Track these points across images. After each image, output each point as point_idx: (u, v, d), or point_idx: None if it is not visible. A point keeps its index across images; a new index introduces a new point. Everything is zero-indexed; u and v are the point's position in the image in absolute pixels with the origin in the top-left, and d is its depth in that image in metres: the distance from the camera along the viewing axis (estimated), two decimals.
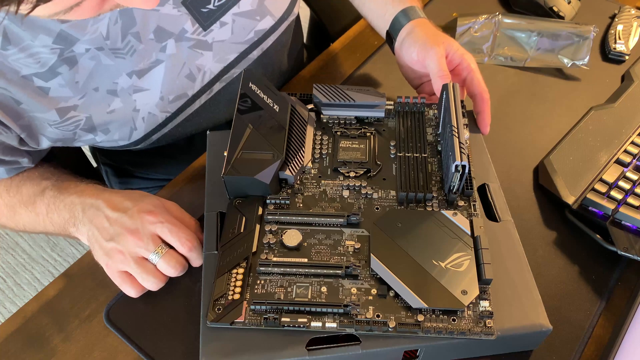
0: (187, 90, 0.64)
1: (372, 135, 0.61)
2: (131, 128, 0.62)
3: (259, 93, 0.59)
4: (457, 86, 0.57)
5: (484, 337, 0.47)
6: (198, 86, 0.64)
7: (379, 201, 0.55)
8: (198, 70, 0.63)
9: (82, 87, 0.57)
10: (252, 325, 0.47)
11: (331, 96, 0.62)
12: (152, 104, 0.61)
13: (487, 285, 0.49)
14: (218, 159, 0.57)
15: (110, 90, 0.58)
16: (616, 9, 0.86)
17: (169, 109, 0.63)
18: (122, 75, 0.58)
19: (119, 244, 0.52)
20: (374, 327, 0.47)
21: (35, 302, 0.57)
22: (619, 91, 0.74)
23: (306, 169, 0.58)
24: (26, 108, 0.55)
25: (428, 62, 0.62)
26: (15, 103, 0.55)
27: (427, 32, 0.64)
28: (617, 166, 0.64)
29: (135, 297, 0.54)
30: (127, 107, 0.60)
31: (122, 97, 0.59)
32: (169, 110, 0.64)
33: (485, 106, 0.62)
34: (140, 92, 0.60)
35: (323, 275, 0.50)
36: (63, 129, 0.58)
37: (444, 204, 0.55)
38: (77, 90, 0.56)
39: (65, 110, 0.57)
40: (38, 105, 0.55)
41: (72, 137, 0.60)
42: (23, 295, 1.41)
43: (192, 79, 0.63)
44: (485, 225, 0.54)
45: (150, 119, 0.63)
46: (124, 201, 0.54)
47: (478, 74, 0.62)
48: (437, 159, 0.59)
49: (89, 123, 0.59)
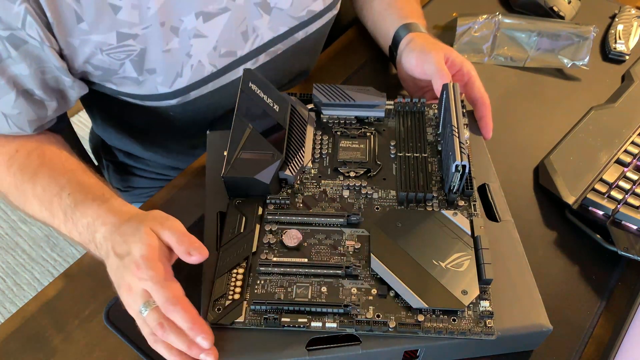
0: (237, 49, 0.65)
1: (372, 135, 0.61)
2: (177, 73, 0.63)
3: (258, 93, 0.59)
4: (457, 86, 0.58)
5: (484, 337, 0.47)
6: (247, 48, 0.66)
7: (379, 201, 0.55)
8: (253, 31, 0.65)
9: (151, 16, 0.57)
10: (252, 326, 0.47)
11: (331, 96, 0.62)
12: (205, 52, 0.62)
13: (488, 285, 0.49)
14: (218, 159, 0.57)
15: (174, 28, 0.59)
16: (616, 9, 0.86)
17: (217, 63, 0.64)
18: (190, 14, 0.59)
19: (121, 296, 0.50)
20: (374, 327, 0.47)
21: (35, 302, 0.57)
22: (619, 91, 0.74)
23: (306, 168, 0.58)
24: (85, 28, 0.55)
25: (427, 65, 0.63)
26: (77, 19, 0.54)
27: (425, 41, 0.67)
28: (617, 166, 0.64)
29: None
30: (182, 49, 0.61)
31: (181, 38, 0.60)
32: (216, 65, 0.64)
33: (486, 111, 0.63)
34: (199, 38, 0.61)
35: (323, 275, 0.50)
36: (114, 56, 0.58)
37: (444, 204, 0.55)
38: (145, 19, 0.57)
39: (124, 37, 0.57)
40: (101, 24, 0.55)
41: (116, 69, 0.60)
42: (23, 295, 1.41)
43: (245, 39, 0.65)
44: (486, 225, 0.53)
45: (198, 68, 0.63)
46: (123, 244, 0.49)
47: (478, 80, 0.64)
48: (437, 158, 0.59)
49: (141, 56, 0.59)
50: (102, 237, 0.51)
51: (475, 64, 0.78)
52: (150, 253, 0.47)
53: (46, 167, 0.58)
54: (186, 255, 0.47)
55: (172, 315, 0.45)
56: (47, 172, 0.58)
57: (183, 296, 0.46)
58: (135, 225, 0.50)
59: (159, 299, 0.46)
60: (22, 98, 0.57)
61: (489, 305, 0.48)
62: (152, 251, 0.47)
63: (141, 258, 0.47)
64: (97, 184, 0.58)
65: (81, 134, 0.93)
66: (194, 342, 0.45)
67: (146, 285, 0.46)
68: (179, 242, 0.48)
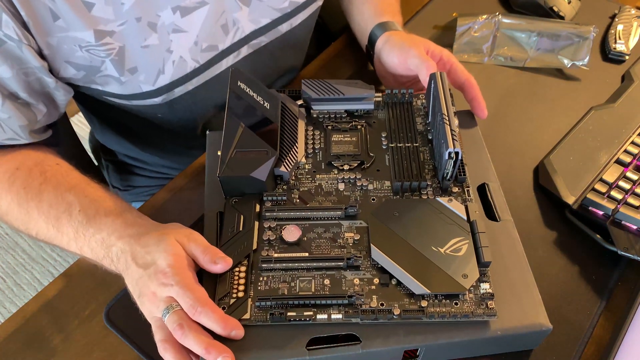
0: (219, 42, 0.65)
1: (363, 128, 0.62)
2: (159, 70, 0.62)
3: (248, 91, 0.59)
4: (444, 75, 0.59)
5: (487, 319, 0.48)
6: (229, 42, 0.66)
7: (374, 192, 0.56)
8: (233, 24, 0.65)
9: (126, 12, 0.57)
10: (259, 322, 0.47)
11: (320, 91, 0.62)
12: (186, 47, 0.62)
13: (487, 268, 0.50)
14: (218, 159, 0.57)
15: (151, 24, 0.59)
16: (616, 8, 0.86)
17: (199, 58, 0.64)
18: (167, 9, 0.59)
19: (142, 306, 0.50)
20: (379, 315, 0.47)
21: (35, 302, 0.57)
22: (619, 91, 0.74)
23: (300, 164, 0.58)
24: (62, 25, 0.55)
25: (410, 60, 0.64)
26: (52, 17, 0.54)
27: (402, 37, 0.68)
28: (617, 166, 0.64)
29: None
30: (161, 45, 0.61)
31: (160, 34, 0.60)
32: (199, 60, 0.64)
33: (475, 91, 0.64)
34: (178, 33, 0.61)
35: (325, 268, 0.50)
36: (94, 52, 0.58)
37: (438, 191, 0.56)
38: (120, 14, 0.57)
39: (102, 34, 0.57)
40: (77, 21, 0.55)
41: (98, 66, 0.60)
42: (23, 295, 1.41)
43: (226, 32, 0.65)
44: (486, 225, 0.54)
45: (180, 64, 0.63)
46: (146, 255, 0.50)
47: (460, 64, 0.65)
48: (429, 147, 0.59)
49: (121, 54, 0.59)
50: (119, 250, 0.52)
51: (475, 64, 0.79)
52: (177, 261, 0.49)
53: (50, 184, 0.57)
54: (211, 264, 0.49)
55: (201, 316, 0.46)
56: (52, 189, 0.57)
57: (209, 298, 0.48)
58: (157, 236, 0.51)
59: (186, 302, 0.47)
60: (9, 101, 0.57)
61: (489, 287, 0.49)
62: (178, 260, 0.49)
63: (168, 267, 0.48)
64: (105, 197, 0.57)
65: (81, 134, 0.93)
66: (211, 344, 0.45)
67: (172, 291, 0.47)
68: (204, 253, 0.50)
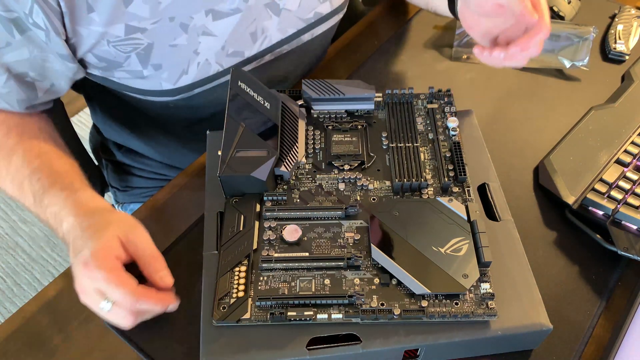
0: (245, 49, 0.66)
1: (363, 128, 0.62)
2: (183, 70, 0.63)
3: (248, 91, 0.59)
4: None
5: (487, 319, 0.48)
6: (255, 49, 0.67)
7: (374, 192, 0.56)
8: (262, 32, 0.65)
9: (162, 10, 0.57)
10: (259, 322, 0.47)
11: (320, 91, 0.62)
12: (212, 51, 0.63)
13: (487, 268, 0.50)
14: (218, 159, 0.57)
15: (183, 25, 0.59)
16: (616, 8, 0.86)
17: (224, 62, 0.65)
18: (200, 12, 0.59)
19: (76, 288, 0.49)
20: (379, 315, 0.47)
21: (35, 302, 0.57)
22: (619, 91, 0.74)
23: (300, 164, 0.58)
24: (95, 19, 0.55)
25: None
26: (87, 9, 0.55)
27: None
28: (617, 166, 0.64)
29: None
30: (189, 46, 0.61)
31: (189, 35, 0.60)
32: (223, 65, 0.65)
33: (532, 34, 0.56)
34: (207, 36, 0.61)
35: (325, 268, 0.50)
36: (120, 48, 0.59)
37: (438, 191, 0.56)
38: (155, 13, 0.57)
39: (132, 30, 0.57)
40: (111, 16, 0.55)
41: (121, 61, 0.60)
42: (23, 295, 1.41)
43: (254, 39, 0.65)
44: (486, 225, 0.54)
45: (204, 67, 0.64)
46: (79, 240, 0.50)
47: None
48: (429, 147, 0.60)
49: (148, 50, 0.60)
50: (69, 227, 0.52)
51: (475, 64, 0.79)
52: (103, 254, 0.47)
53: (22, 147, 0.59)
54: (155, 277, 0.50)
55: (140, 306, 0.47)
56: (22, 153, 0.58)
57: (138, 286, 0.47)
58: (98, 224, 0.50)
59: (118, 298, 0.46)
60: (14, 80, 0.58)
61: (490, 287, 0.49)
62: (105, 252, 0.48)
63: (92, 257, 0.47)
64: (68, 171, 0.58)
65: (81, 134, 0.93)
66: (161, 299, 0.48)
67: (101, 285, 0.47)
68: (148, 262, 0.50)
